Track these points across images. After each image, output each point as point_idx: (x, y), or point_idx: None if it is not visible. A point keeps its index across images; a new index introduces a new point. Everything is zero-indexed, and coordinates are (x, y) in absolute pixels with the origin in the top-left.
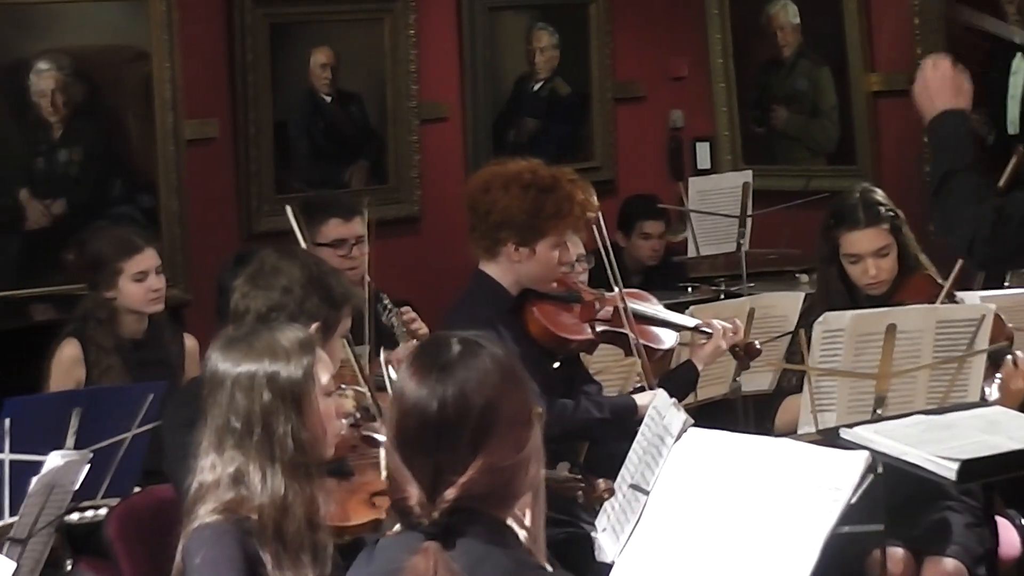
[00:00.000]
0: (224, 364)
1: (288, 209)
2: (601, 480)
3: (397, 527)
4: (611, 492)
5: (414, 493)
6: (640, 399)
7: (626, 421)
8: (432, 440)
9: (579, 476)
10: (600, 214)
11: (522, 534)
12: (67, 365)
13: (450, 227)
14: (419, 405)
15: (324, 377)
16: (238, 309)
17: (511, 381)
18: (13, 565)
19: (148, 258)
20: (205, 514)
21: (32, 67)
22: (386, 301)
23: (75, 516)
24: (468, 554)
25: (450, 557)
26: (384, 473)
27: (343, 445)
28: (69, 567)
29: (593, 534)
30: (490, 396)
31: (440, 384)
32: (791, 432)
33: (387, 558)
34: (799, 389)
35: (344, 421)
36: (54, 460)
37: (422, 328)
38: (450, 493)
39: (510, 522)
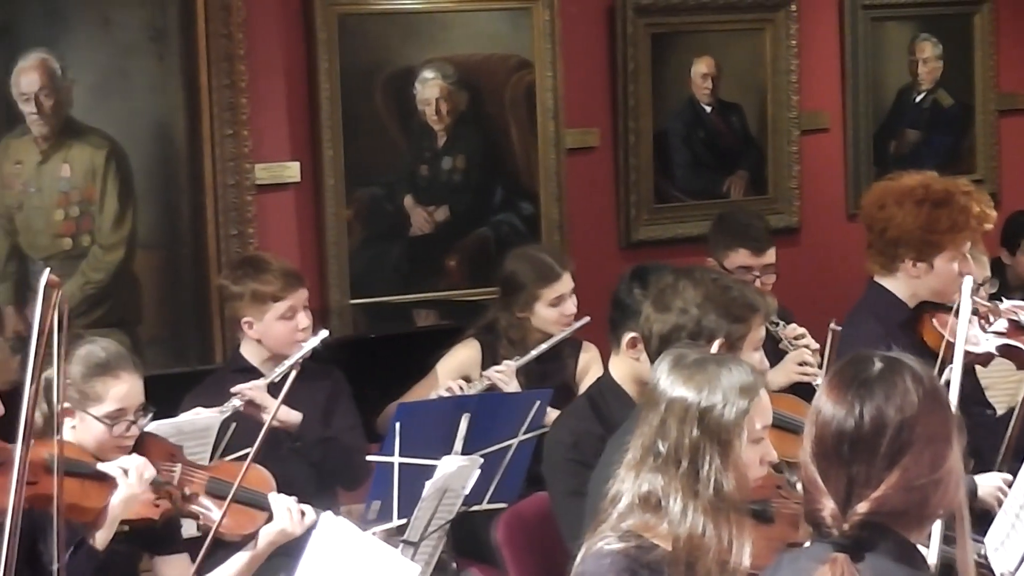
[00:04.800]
0: (665, 383)
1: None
2: None
3: (807, 543)
4: None
5: (827, 505)
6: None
7: None
8: (848, 453)
9: None
10: None
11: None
12: (463, 363)
13: (830, 238)
14: (837, 419)
15: (758, 424)
16: (643, 333)
17: (931, 400)
18: (418, 568)
19: (565, 283)
20: (607, 539)
21: (418, 75)
22: (773, 316)
23: None
24: (875, 568)
25: (857, 570)
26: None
27: (767, 486)
28: (454, 569)
29: (982, 551)
30: (908, 414)
31: (858, 400)
32: None
33: (795, 567)
34: None
35: (767, 467)
36: (448, 464)
37: (812, 343)
38: (862, 507)
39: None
